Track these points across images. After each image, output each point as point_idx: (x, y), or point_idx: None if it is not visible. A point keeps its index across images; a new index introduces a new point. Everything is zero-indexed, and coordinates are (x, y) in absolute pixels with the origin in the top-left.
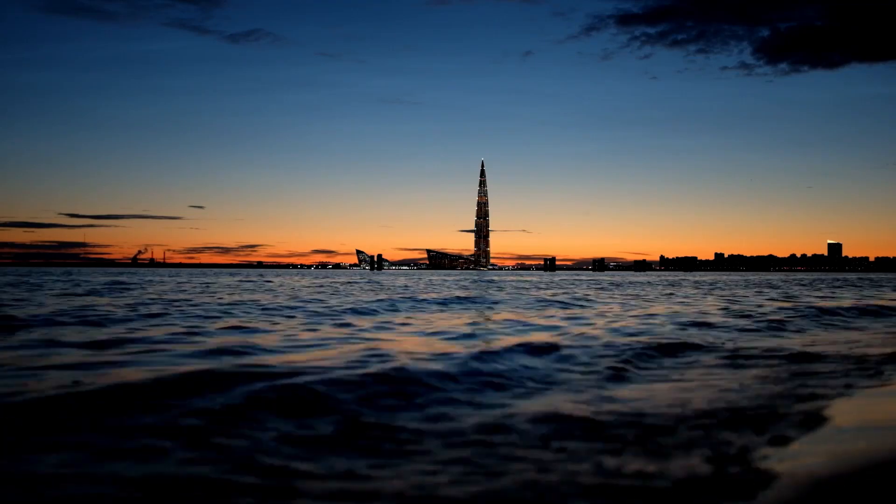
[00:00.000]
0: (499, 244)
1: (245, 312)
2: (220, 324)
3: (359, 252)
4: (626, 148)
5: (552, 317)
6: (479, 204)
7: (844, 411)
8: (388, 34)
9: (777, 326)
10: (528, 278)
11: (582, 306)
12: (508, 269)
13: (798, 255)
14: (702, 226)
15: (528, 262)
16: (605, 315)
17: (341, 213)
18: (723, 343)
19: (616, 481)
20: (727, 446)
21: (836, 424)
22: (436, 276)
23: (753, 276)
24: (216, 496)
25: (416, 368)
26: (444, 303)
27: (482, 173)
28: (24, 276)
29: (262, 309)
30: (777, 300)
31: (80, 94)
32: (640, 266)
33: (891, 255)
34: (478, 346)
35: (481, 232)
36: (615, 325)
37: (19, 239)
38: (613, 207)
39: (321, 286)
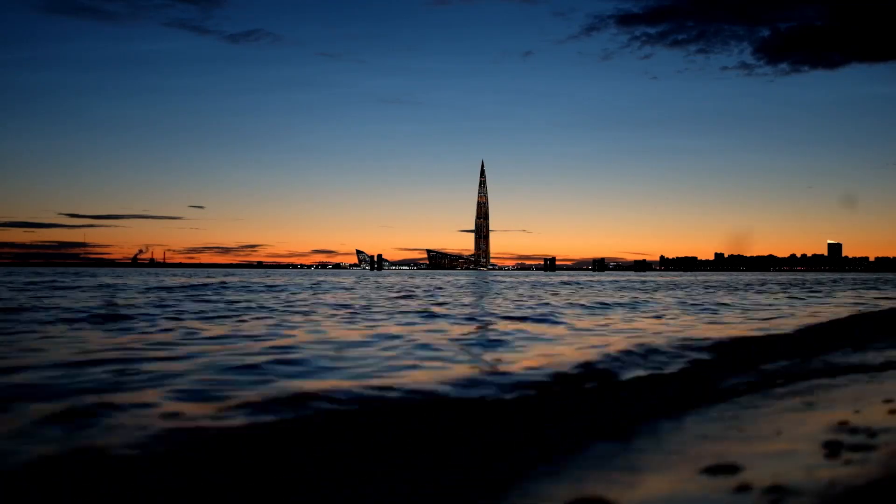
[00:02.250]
0: (499, 244)
1: None
2: None
3: (359, 252)
4: (626, 148)
5: None
6: (479, 204)
7: None
8: (388, 34)
9: None
10: (561, 278)
11: None
12: (508, 270)
13: (798, 255)
14: (702, 226)
15: (528, 262)
16: None
17: (341, 213)
18: None
19: None
20: None
21: None
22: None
23: (756, 276)
24: None
25: None
26: None
27: (482, 173)
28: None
29: None
30: None
31: (80, 94)
32: (640, 266)
33: (891, 255)
34: None
35: (481, 232)
36: None
37: (19, 239)
38: (613, 207)
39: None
